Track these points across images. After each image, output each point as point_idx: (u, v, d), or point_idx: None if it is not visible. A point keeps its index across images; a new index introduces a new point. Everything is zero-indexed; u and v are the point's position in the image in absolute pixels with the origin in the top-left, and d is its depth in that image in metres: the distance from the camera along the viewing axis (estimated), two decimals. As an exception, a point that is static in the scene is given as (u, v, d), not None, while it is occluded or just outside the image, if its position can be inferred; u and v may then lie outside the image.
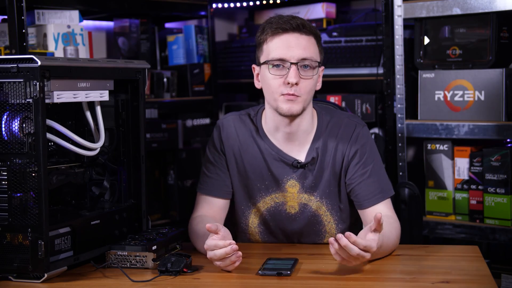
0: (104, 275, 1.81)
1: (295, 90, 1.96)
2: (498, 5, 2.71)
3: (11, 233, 1.72)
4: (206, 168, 2.15)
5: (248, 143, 2.11)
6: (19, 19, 2.50)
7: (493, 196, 2.76)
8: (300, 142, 2.07)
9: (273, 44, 1.98)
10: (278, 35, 1.98)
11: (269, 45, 1.99)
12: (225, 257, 1.76)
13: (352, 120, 2.11)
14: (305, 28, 1.98)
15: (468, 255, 1.93)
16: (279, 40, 1.98)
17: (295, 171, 2.07)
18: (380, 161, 2.11)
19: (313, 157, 2.06)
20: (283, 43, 1.97)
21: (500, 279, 2.83)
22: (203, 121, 3.49)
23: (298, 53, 1.96)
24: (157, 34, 3.51)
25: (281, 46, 1.97)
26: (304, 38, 1.98)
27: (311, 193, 2.08)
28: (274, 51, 1.98)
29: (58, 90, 1.76)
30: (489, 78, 2.76)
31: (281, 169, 2.08)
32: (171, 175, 3.31)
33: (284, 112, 1.98)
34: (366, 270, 1.84)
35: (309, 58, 1.97)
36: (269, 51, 1.99)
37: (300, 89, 1.97)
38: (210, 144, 2.16)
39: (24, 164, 1.71)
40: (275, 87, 1.98)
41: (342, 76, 3.24)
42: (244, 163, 2.11)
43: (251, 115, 2.15)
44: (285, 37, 1.97)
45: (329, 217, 2.10)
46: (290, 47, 1.96)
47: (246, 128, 2.13)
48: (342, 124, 2.09)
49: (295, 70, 1.95)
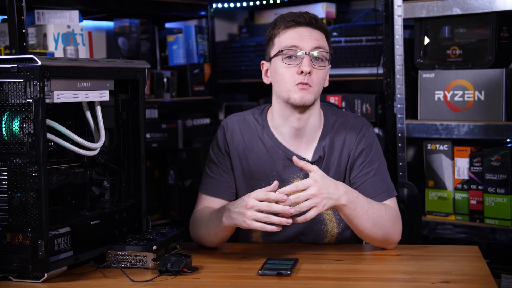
0: (104, 275, 1.81)
1: (308, 79, 1.98)
2: (498, 5, 2.71)
3: (11, 233, 1.72)
4: (209, 169, 2.15)
5: (253, 143, 2.11)
6: (19, 19, 2.50)
7: (493, 196, 2.76)
8: (307, 139, 2.08)
9: (286, 36, 2.02)
10: (292, 28, 2.02)
11: (282, 37, 2.03)
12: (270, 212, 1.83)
13: (358, 121, 2.13)
14: (318, 23, 2.03)
15: (468, 255, 1.93)
16: (292, 32, 2.02)
17: (301, 169, 2.07)
18: (385, 162, 2.12)
19: (320, 156, 2.07)
20: (297, 34, 2.01)
21: (500, 279, 2.83)
22: (203, 121, 3.49)
23: (312, 43, 2.00)
24: (157, 34, 3.51)
25: (295, 37, 2.01)
26: (317, 32, 2.03)
27: None
28: (287, 41, 2.01)
29: (58, 90, 1.76)
30: (489, 78, 2.76)
31: (288, 168, 2.08)
32: (171, 175, 3.31)
33: (297, 101, 2.00)
34: (366, 270, 1.84)
35: (322, 47, 2.01)
36: (282, 41, 2.02)
37: (313, 80, 2.00)
38: (214, 145, 2.16)
39: (24, 164, 1.71)
40: (288, 77, 2.00)
41: (342, 76, 3.24)
42: (249, 163, 2.11)
43: (255, 114, 2.15)
44: (298, 29, 2.02)
45: (331, 215, 2.10)
46: (303, 38, 2.01)
47: (250, 128, 2.13)
48: (349, 124, 2.11)
49: (308, 60, 1.98)
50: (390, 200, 2.06)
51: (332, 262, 1.88)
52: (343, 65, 3.24)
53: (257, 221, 1.83)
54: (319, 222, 2.10)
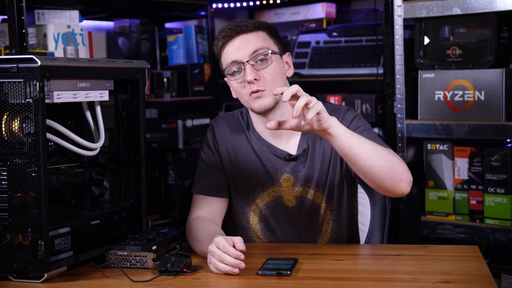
0: (104, 275, 1.81)
1: (258, 85, 2.00)
2: (498, 5, 2.71)
3: (11, 233, 1.72)
4: (201, 169, 2.17)
5: (241, 140, 2.13)
6: (19, 19, 2.50)
7: (493, 196, 2.76)
8: (287, 135, 2.09)
9: (225, 53, 2.06)
10: (227, 43, 2.05)
11: (223, 56, 2.07)
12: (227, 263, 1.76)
13: (337, 108, 2.12)
14: (249, 27, 2.03)
15: (468, 255, 1.93)
16: (228, 47, 2.04)
17: (287, 164, 2.08)
18: (374, 132, 2.07)
19: (304, 149, 2.08)
20: (232, 48, 2.04)
21: (500, 279, 2.83)
22: (203, 121, 3.49)
23: (247, 50, 2.01)
24: (157, 34, 3.51)
25: (232, 51, 2.03)
26: (251, 35, 2.03)
27: (306, 185, 2.08)
28: (226, 58, 2.05)
29: (58, 90, 1.76)
30: (489, 78, 2.76)
31: (274, 164, 2.09)
32: (171, 175, 3.31)
33: (257, 110, 2.03)
34: (366, 270, 1.84)
35: (259, 48, 2.01)
36: (224, 60, 2.06)
37: (264, 82, 2.01)
38: (204, 144, 2.19)
39: (24, 164, 1.70)
40: (241, 90, 2.04)
41: (342, 76, 3.24)
42: (239, 160, 2.12)
43: (243, 113, 2.18)
44: (233, 43, 2.04)
45: (325, 205, 2.09)
46: (239, 49, 2.02)
47: (238, 126, 2.16)
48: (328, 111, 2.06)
49: (249, 68, 2.00)
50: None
51: (332, 262, 1.88)
52: (343, 65, 3.25)
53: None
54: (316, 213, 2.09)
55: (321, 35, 3.40)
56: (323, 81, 3.29)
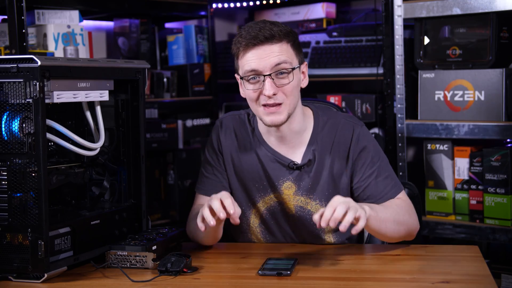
0: (104, 275, 1.81)
1: (275, 99, 1.95)
2: (498, 5, 2.71)
3: (11, 233, 1.72)
4: (204, 169, 2.15)
5: (246, 143, 2.12)
6: (19, 19, 2.50)
7: (493, 196, 2.76)
8: (294, 143, 2.07)
9: (245, 59, 1.97)
10: (250, 49, 1.96)
11: (243, 60, 1.98)
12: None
13: (349, 121, 2.09)
14: (275, 37, 1.95)
15: (468, 255, 1.93)
16: (250, 54, 1.96)
17: (291, 172, 2.06)
18: (386, 158, 2.09)
19: (310, 159, 2.05)
20: (254, 56, 1.95)
21: (500, 279, 2.83)
22: (203, 121, 3.49)
23: (271, 62, 1.94)
24: (157, 34, 3.51)
25: (254, 60, 1.95)
26: (276, 46, 1.95)
27: (308, 195, 2.07)
28: (246, 65, 1.96)
29: (58, 90, 1.76)
30: (489, 78, 2.76)
31: (277, 171, 2.07)
32: (171, 175, 3.31)
33: (268, 124, 1.99)
34: (366, 270, 1.84)
35: (282, 62, 1.95)
36: (243, 65, 1.98)
37: (282, 95, 1.96)
38: (209, 144, 2.17)
39: (24, 164, 1.70)
40: (256, 98, 1.97)
41: (342, 76, 3.24)
42: (242, 163, 2.11)
43: (250, 115, 2.15)
44: (256, 50, 1.95)
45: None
46: (261, 59, 1.94)
47: (244, 128, 2.13)
48: (339, 125, 2.08)
49: (269, 82, 1.94)
50: (400, 195, 2.05)
51: (332, 262, 1.88)
52: (343, 65, 3.25)
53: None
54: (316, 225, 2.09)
55: (321, 35, 3.40)
56: (323, 81, 3.29)
